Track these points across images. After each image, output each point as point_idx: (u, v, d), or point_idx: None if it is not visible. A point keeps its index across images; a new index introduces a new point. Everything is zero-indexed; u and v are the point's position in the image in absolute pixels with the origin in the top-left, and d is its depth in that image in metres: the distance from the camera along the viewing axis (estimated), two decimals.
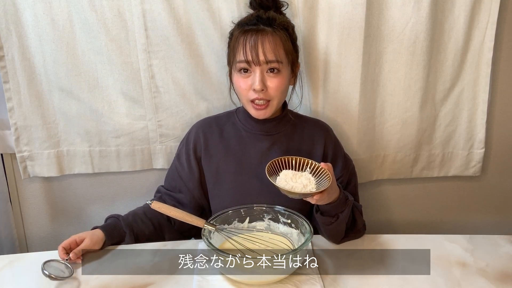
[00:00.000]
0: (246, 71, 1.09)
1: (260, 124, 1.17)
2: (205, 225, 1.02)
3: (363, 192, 1.47)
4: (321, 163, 1.00)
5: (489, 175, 1.52)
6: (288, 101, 1.22)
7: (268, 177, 0.98)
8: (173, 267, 1.04)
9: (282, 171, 1.01)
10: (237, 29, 1.12)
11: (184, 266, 1.02)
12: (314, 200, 0.96)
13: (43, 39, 1.24)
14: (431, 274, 1.01)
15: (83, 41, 1.26)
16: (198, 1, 1.23)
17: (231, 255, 0.92)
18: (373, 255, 1.09)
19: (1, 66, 1.26)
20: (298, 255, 0.95)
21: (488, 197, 1.54)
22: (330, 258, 1.07)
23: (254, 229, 1.11)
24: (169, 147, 1.38)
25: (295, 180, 0.98)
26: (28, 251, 1.49)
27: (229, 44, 1.15)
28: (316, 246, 1.12)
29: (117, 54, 1.27)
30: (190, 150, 1.20)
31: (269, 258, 0.91)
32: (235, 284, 0.97)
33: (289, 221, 1.09)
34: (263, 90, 1.08)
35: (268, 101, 1.10)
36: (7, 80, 1.28)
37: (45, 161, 1.36)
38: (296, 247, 1.00)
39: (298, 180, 0.98)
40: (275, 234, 1.10)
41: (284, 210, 1.09)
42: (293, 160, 1.03)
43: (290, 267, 0.95)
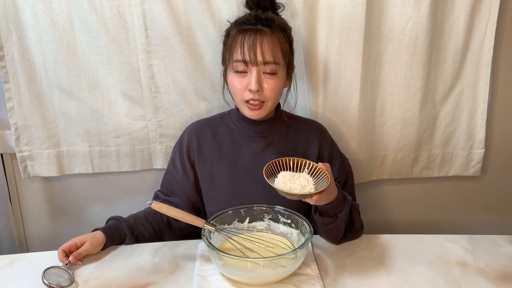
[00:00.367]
0: (242, 70, 1.08)
1: (253, 125, 1.17)
2: (205, 225, 1.02)
3: (363, 192, 1.48)
4: (319, 163, 0.99)
5: (489, 175, 1.52)
6: (283, 103, 1.21)
7: (266, 179, 0.97)
8: (173, 267, 1.04)
9: (280, 172, 1.00)
10: (234, 28, 1.10)
11: (184, 266, 1.02)
12: (313, 201, 0.95)
13: (43, 39, 1.24)
14: (431, 274, 1.01)
15: (83, 41, 1.26)
16: (198, 1, 1.23)
17: (231, 255, 0.92)
18: (373, 255, 1.08)
19: (1, 66, 1.26)
20: (298, 255, 0.95)
21: (488, 197, 1.54)
22: (330, 258, 1.07)
23: (254, 229, 1.11)
24: (169, 147, 1.38)
25: (293, 181, 0.97)
26: (28, 251, 1.49)
27: (224, 43, 1.14)
28: (316, 246, 1.12)
29: (117, 54, 1.27)
30: (184, 154, 1.19)
31: (269, 258, 0.92)
32: (235, 284, 0.97)
33: (289, 221, 1.09)
34: (258, 90, 1.07)
35: (263, 102, 1.10)
36: (7, 80, 1.28)
37: (45, 161, 1.36)
38: (296, 247, 1.00)
39: (296, 181, 0.97)
40: (275, 234, 1.10)
41: (284, 210, 1.09)
42: (290, 161, 1.02)
43: (290, 267, 0.95)
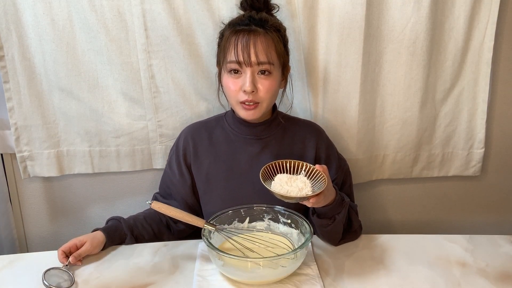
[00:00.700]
0: (236, 72, 1.07)
1: (250, 128, 1.16)
2: (205, 225, 1.02)
3: (363, 192, 1.48)
4: (316, 165, 0.98)
5: (489, 175, 1.51)
6: (279, 104, 1.21)
7: (262, 182, 0.96)
8: (173, 267, 1.04)
9: (276, 175, 0.99)
10: (228, 29, 1.10)
11: (184, 266, 1.02)
12: (311, 203, 0.95)
13: (43, 39, 1.24)
14: (431, 274, 1.01)
15: (83, 41, 1.26)
16: (198, 1, 1.23)
17: (231, 255, 0.92)
18: (373, 255, 1.08)
19: (1, 66, 1.26)
20: (298, 255, 0.95)
21: (488, 197, 1.54)
22: (330, 258, 1.07)
23: (254, 229, 1.11)
24: (169, 147, 1.38)
25: (290, 184, 0.96)
26: (28, 251, 1.49)
27: (219, 44, 1.13)
28: (316, 246, 1.12)
29: (117, 54, 1.27)
30: (180, 157, 1.19)
31: (269, 258, 0.92)
32: (235, 284, 0.97)
33: (289, 221, 1.09)
34: (253, 91, 1.06)
35: (257, 103, 1.09)
36: (7, 80, 1.28)
37: (45, 161, 1.36)
38: (296, 247, 1.00)
39: (293, 184, 0.96)
40: (275, 234, 1.10)
41: (284, 210, 1.09)
42: (287, 163, 1.01)
43: (290, 267, 0.95)
